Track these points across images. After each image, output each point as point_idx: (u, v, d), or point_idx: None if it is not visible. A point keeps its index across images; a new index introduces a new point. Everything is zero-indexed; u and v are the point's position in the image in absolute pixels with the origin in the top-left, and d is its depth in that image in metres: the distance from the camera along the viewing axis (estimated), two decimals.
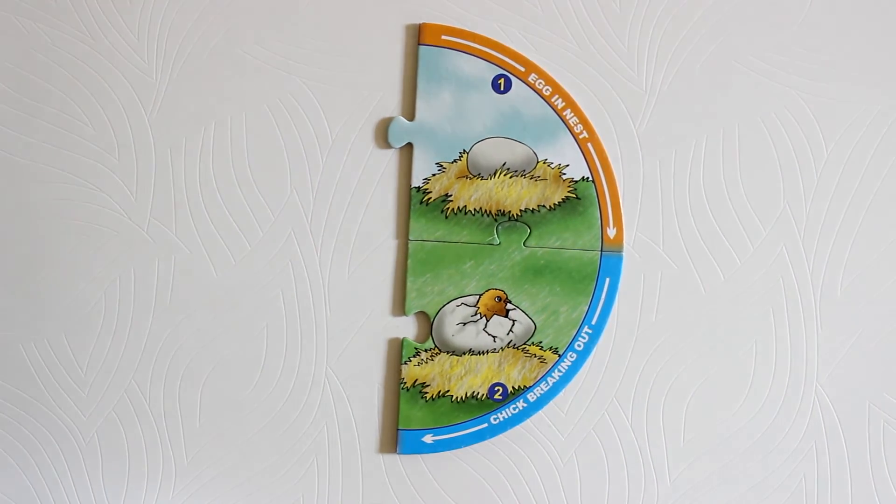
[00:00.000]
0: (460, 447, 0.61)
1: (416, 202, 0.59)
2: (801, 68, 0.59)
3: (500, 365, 0.60)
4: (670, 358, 0.61)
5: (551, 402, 0.60)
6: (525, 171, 0.59)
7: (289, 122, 0.60)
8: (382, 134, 0.60)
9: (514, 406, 0.60)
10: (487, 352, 0.60)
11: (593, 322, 0.60)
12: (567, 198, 0.59)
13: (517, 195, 0.59)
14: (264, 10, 0.60)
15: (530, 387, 0.60)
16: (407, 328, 0.60)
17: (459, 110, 0.59)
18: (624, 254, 0.60)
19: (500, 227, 0.60)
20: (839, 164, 0.60)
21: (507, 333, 0.60)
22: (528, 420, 0.60)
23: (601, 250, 0.59)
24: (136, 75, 0.60)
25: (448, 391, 0.60)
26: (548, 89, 0.59)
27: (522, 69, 0.59)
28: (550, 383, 0.60)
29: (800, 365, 0.61)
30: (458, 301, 0.60)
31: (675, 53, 0.59)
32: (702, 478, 0.61)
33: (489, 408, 0.60)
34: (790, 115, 0.60)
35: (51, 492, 0.62)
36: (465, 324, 0.60)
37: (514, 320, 0.60)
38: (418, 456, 0.61)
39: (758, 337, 0.61)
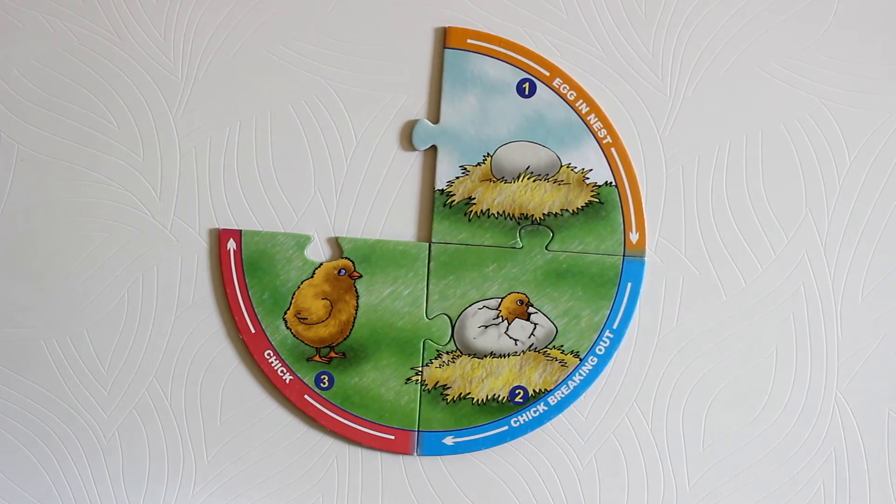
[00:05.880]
0: (480, 449, 0.61)
1: (440, 205, 0.60)
2: (824, 76, 0.59)
3: (521, 368, 0.60)
4: (691, 363, 0.61)
5: (572, 406, 0.61)
6: (548, 175, 0.59)
7: (313, 123, 0.60)
8: (407, 136, 0.60)
9: (534, 409, 0.60)
10: (509, 355, 0.60)
11: (615, 326, 0.60)
12: (590, 202, 0.59)
13: (540, 199, 0.60)
14: (291, 12, 0.60)
15: (551, 390, 0.60)
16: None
17: (484, 114, 0.59)
18: (646, 259, 0.60)
19: (522, 231, 0.60)
20: (861, 171, 0.60)
21: (529, 337, 0.60)
22: (548, 423, 0.61)
23: (623, 255, 0.60)
24: (162, 74, 0.60)
25: (469, 393, 0.60)
26: (572, 94, 0.59)
27: (547, 73, 0.59)
28: (571, 387, 0.60)
29: (820, 371, 0.61)
30: (480, 304, 0.60)
31: (700, 59, 0.59)
32: (721, 483, 0.61)
33: (510, 410, 0.60)
34: (813, 122, 0.60)
35: (71, 489, 0.62)
36: (486, 326, 0.60)
37: (535, 324, 0.60)
38: (438, 457, 0.61)
39: (779, 343, 0.61)
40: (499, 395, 0.60)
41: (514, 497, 0.62)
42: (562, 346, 0.60)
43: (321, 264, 0.60)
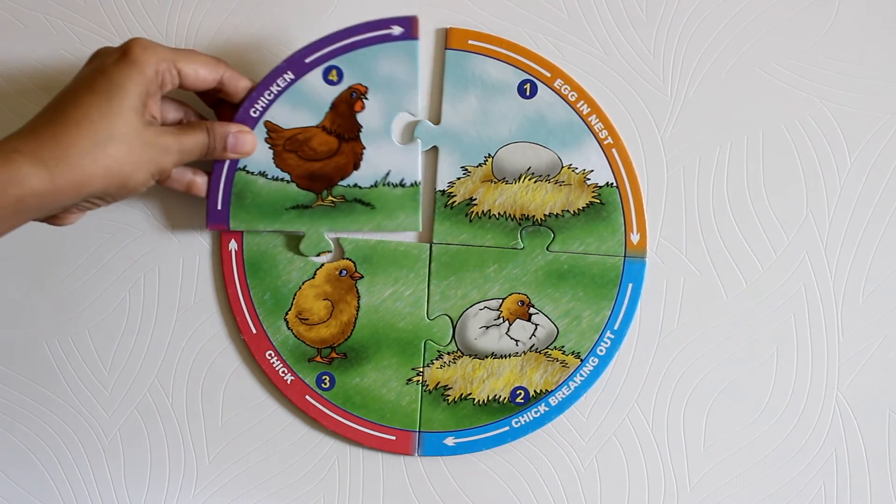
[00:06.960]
0: (482, 450, 0.61)
1: (441, 206, 0.60)
2: (825, 77, 0.60)
3: (522, 369, 0.60)
4: (692, 364, 0.61)
5: (573, 407, 0.61)
6: (549, 175, 0.59)
7: None
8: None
9: (535, 410, 0.60)
10: (510, 355, 0.60)
11: (616, 327, 0.60)
12: (591, 203, 0.60)
13: (541, 200, 0.60)
14: (293, 10, 0.60)
15: (552, 391, 0.60)
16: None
17: (485, 115, 0.59)
18: (647, 259, 0.60)
19: (523, 232, 0.60)
20: (862, 172, 0.60)
21: (530, 337, 0.60)
22: (549, 424, 0.61)
23: (624, 256, 0.60)
24: None
25: (470, 394, 0.60)
26: (573, 95, 0.59)
27: (548, 74, 0.59)
28: (572, 388, 0.60)
29: (821, 372, 0.61)
30: (482, 305, 0.60)
31: (701, 60, 0.59)
32: (722, 484, 0.61)
33: (511, 411, 0.60)
34: (814, 123, 0.60)
35: (72, 489, 0.63)
36: (487, 327, 0.60)
37: (536, 324, 0.60)
38: (439, 458, 0.61)
39: (779, 344, 0.61)
40: (500, 396, 0.60)
41: (515, 497, 0.62)
42: (563, 346, 0.60)
43: (322, 265, 0.60)
